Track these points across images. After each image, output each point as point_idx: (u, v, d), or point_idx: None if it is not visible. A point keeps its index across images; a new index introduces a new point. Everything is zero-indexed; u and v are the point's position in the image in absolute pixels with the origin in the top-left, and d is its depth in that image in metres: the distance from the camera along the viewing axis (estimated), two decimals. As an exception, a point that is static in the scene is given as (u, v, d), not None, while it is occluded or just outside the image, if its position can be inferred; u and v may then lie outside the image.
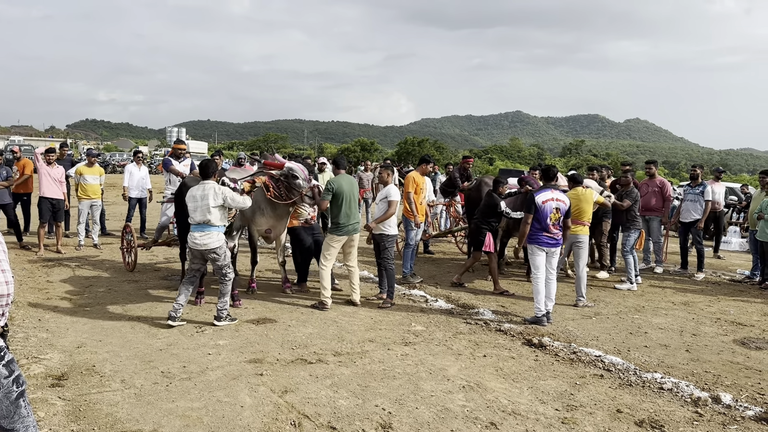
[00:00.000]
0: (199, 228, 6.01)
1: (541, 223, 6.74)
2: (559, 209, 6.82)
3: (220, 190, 6.05)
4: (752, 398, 4.70)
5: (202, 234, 5.99)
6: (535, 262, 6.80)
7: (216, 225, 6.01)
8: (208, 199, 5.97)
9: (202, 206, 5.99)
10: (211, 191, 6.01)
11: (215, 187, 6.06)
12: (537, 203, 6.74)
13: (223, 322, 6.08)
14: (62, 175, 10.12)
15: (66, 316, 6.32)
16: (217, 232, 6.03)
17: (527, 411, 4.34)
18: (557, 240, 6.85)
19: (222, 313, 6.09)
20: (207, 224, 5.98)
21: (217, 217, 6.01)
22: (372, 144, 75.98)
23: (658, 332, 6.52)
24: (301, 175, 6.88)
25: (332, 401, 4.38)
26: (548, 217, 6.72)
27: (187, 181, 7.37)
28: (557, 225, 6.81)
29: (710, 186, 9.99)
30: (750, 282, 9.61)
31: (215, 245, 6.01)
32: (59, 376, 4.67)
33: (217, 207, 6.01)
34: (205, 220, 5.97)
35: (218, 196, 6.00)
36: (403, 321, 6.62)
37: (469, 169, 11.46)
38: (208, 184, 6.08)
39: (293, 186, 6.88)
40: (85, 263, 9.15)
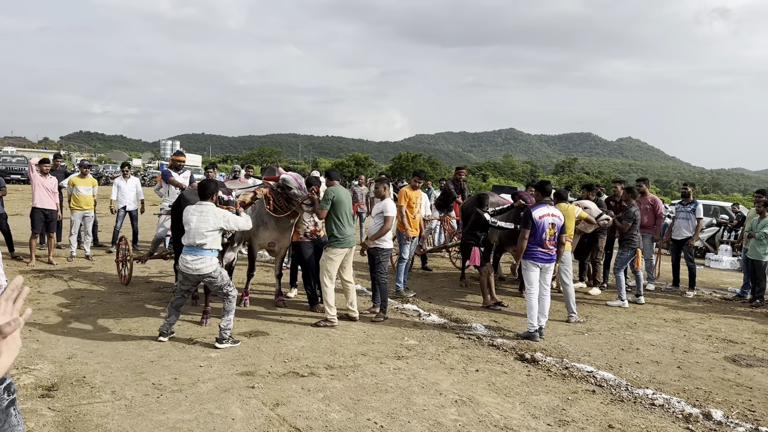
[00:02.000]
0: (191, 251, 5.73)
1: (537, 239, 6.75)
2: (554, 225, 6.84)
3: (221, 214, 5.81)
4: (743, 415, 4.72)
5: (195, 258, 5.71)
6: (529, 278, 6.81)
7: (210, 249, 5.75)
8: (207, 222, 5.71)
9: (197, 229, 5.70)
10: (211, 215, 5.76)
11: (215, 210, 5.81)
12: (534, 218, 6.75)
13: (225, 345, 5.75)
14: (55, 186, 10.10)
15: (57, 327, 6.28)
16: (210, 257, 5.75)
17: (519, 426, 4.33)
18: (552, 256, 6.87)
19: (225, 334, 5.77)
20: (200, 248, 5.70)
21: (212, 241, 5.75)
22: (366, 159, 76.24)
23: (649, 348, 6.54)
24: (294, 184, 6.88)
25: (324, 414, 4.36)
26: (544, 232, 6.74)
27: (185, 193, 7.33)
28: (552, 241, 6.83)
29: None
30: (741, 300, 9.66)
31: (208, 270, 5.74)
32: (49, 386, 4.64)
33: (215, 230, 5.75)
34: (199, 243, 5.70)
35: (219, 220, 5.75)
36: (395, 335, 6.61)
37: (462, 181, 11.50)
38: (207, 206, 5.82)
39: (290, 196, 6.87)
40: (76, 274, 9.10)
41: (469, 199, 10.36)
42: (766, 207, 9.52)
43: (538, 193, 7.14)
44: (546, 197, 7.05)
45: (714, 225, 15.96)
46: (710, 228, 15.76)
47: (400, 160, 72.56)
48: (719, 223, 15.94)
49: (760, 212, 9.53)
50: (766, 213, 9.48)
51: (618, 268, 8.82)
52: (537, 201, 7.09)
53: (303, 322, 6.96)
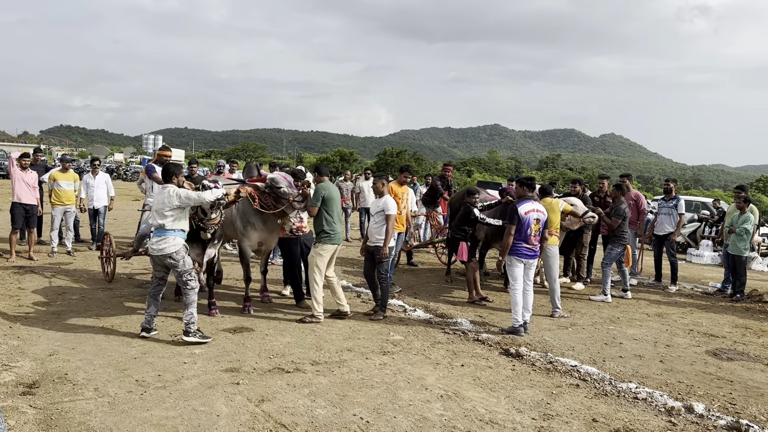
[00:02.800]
0: (156, 233, 5.83)
1: (522, 235, 6.75)
2: (539, 220, 6.86)
3: (174, 192, 5.82)
4: (724, 408, 4.78)
5: (158, 239, 5.77)
6: (514, 274, 6.82)
7: (171, 229, 5.77)
8: (163, 201, 5.79)
9: (158, 209, 5.82)
10: (166, 194, 5.82)
11: (170, 190, 5.84)
12: (520, 214, 6.75)
13: (192, 338, 5.69)
14: (35, 181, 9.95)
15: (38, 323, 6.20)
16: (173, 237, 5.77)
17: (504, 420, 4.35)
18: (535, 252, 6.89)
19: (190, 328, 5.72)
20: (162, 228, 5.76)
21: (172, 221, 5.78)
22: (351, 154, 76.13)
23: (632, 343, 6.61)
24: (284, 182, 6.79)
25: (310, 410, 4.35)
26: (530, 228, 6.75)
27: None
28: (536, 236, 6.84)
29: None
30: (721, 294, 9.79)
31: (170, 250, 5.74)
32: (30, 384, 4.58)
33: (174, 210, 5.78)
34: (160, 224, 5.77)
35: (172, 198, 5.78)
36: (381, 330, 6.61)
37: (449, 178, 11.50)
38: (168, 187, 5.89)
39: (280, 195, 6.75)
40: (57, 270, 8.99)
41: (456, 193, 10.37)
42: (745, 203, 9.66)
43: (522, 188, 7.09)
44: (530, 192, 7.04)
45: (695, 220, 16.15)
46: (692, 223, 15.95)
47: (385, 155, 72.52)
48: (701, 219, 16.14)
49: (740, 208, 9.66)
50: (745, 209, 9.61)
51: (606, 263, 8.84)
52: (520, 196, 7.06)
53: (288, 318, 6.93)
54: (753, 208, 10.04)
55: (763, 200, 52.37)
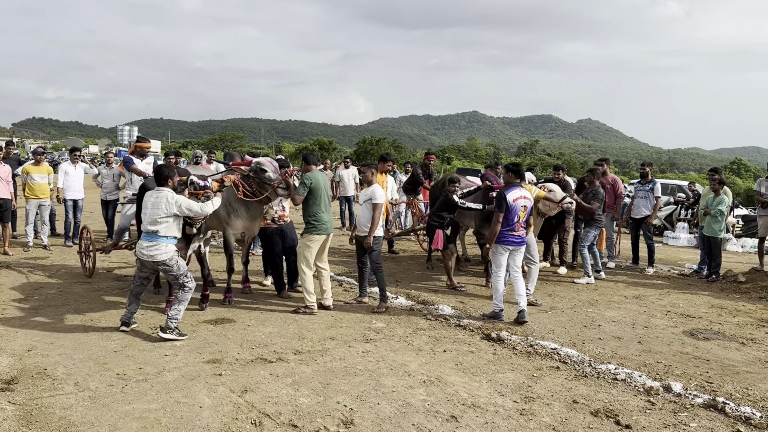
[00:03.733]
0: (147, 237, 5.63)
1: (510, 222, 6.64)
2: (526, 207, 6.78)
3: (174, 199, 5.64)
4: (701, 386, 4.88)
5: (150, 245, 5.59)
6: (498, 261, 6.74)
7: (164, 236, 5.60)
8: (158, 207, 5.59)
9: (151, 215, 5.60)
10: (164, 200, 5.61)
11: (168, 196, 5.65)
12: (508, 201, 6.64)
13: (169, 335, 5.52)
14: (9, 175, 9.77)
15: (15, 319, 6.11)
16: (165, 244, 5.61)
17: (486, 403, 4.40)
18: (522, 238, 6.80)
19: (171, 323, 5.56)
20: (155, 234, 5.59)
21: (166, 228, 5.61)
22: (330, 143, 75.85)
23: (611, 325, 6.70)
24: (270, 167, 6.67)
25: (293, 399, 4.35)
26: (517, 215, 6.65)
27: (148, 182, 7.10)
28: (522, 223, 6.76)
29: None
30: (698, 276, 9.96)
31: (162, 257, 5.59)
32: (9, 380, 4.51)
33: (169, 217, 5.61)
34: (153, 230, 5.58)
35: (171, 206, 5.60)
36: (363, 318, 6.62)
37: (431, 167, 11.48)
38: (162, 192, 5.68)
39: (264, 180, 6.62)
40: (34, 265, 8.86)
41: (437, 181, 10.37)
42: (720, 185, 9.81)
43: (510, 174, 6.94)
44: (517, 179, 6.92)
45: (671, 203, 16.39)
46: (668, 206, 16.18)
47: (364, 143, 72.38)
48: (676, 202, 16.37)
49: (715, 190, 9.81)
50: (720, 191, 9.76)
51: (583, 246, 8.98)
52: (507, 183, 6.93)
53: (270, 308, 6.91)
54: (727, 190, 10.21)
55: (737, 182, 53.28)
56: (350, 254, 10.80)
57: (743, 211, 16.61)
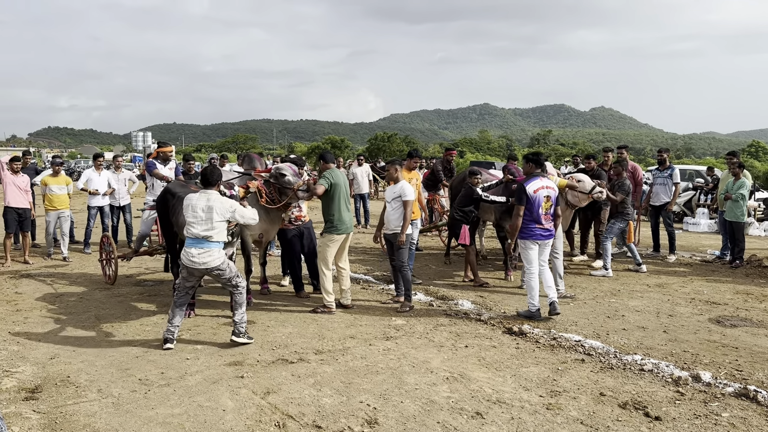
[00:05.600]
0: (197, 244, 5.36)
1: (533, 214, 6.40)
2: (549, 197, 6.50)
3: (228, 204, 5.49)
4: (731, 375, 4.78)
5: (201, 251, 5.34)
6: (528, 257, 6.49)
7: (217, 241, 5.41)
8: (212, 212, 5.37)
9: (204, 219, 5.36)
10: (218, 204, 5.41)
11: (222, 200, 5.48)
12: (528, 193, 6.40)
13: (242, 339, 5.47)
14: (27, 184, 9.82)
15: (37, 327, 6.14)
16: (217, 249, 5.41)
17: (512, 399, 4.34)
18: (550, 231, 6.53)
19: (241, 328, 5.49)
20: (206, 240, 5.36)
21: (219, 233, 5.42)
22: (342, 141, 75.84)
23: (635, 315, 6.60)
24: (289, 171, 6.62)
25: (316, 400, 4.32)
26: (540, 207, 6.41)
27: (171, 186, 7.06)
28: (548, 215, 6.52)
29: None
30: (720, 261, 9.80)
31: (217, 263, 5.39)
32: (33, 388, 4.53)
33: (222, 222, 5.44)
34: (206, 235, 5.35)
35: (226, 211, 5.44)
36: (383, 315, 6.58)
37: (452, 162, 11.32)
38: (212, 195, 5.47)
39: (283, 185, 6.56)
40: (54, 273, 8.92)
41: (457, 175, 10.25)
42: (740, 168, 9.63)
43: (529, 164, 6.70)
44: (537, 169, 6.68)
45: (690, 189, 16.15)
46: (687, 192, 15.95)
47: (376, 140, 72.27)
48: (695, 187, 16.14)
49: (734, 174, 9.64)
50: (740, 174, 9.59)
51: (607, 237, 8.79)
52: (527, 173, 6.71)
53: (289, 308, 6.89)
54: (747, 173, 10.03)
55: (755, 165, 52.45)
56: (365, 252, 10.77)
57: (764, 194, 16.32)
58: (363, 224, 14.31)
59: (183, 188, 6.90)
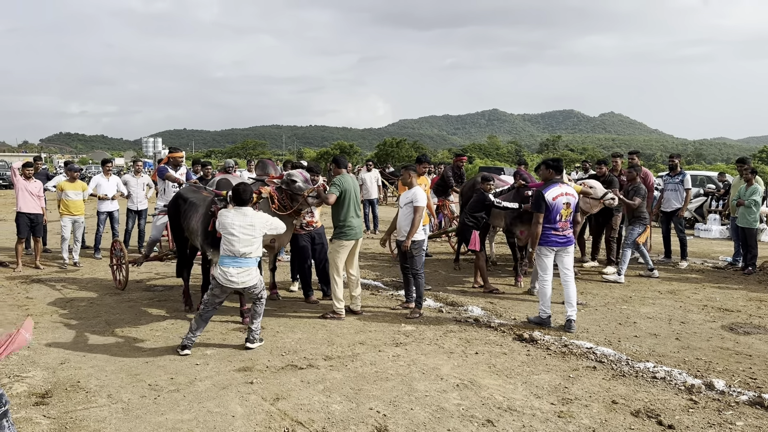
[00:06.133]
0: (235, 263, 5.35)
1: (552, 221, 6.25)
2: (569, 204, 6.34)
3: (265, 219, 5.52)
4: (745, 383, 4.72)
5: (240, 271, 5.35)
6: (543, 264, 6.37)
7: (254, 258, 5.45)
8: (253, 228, 5.39)
9: (245, 237, 5.37)
10: (257, 220, 5.44)
11: (261, 216, 5.52)
12: (547, 200, 6.24)
13: (256, 345, 5.59)
14: (40, 190, 9.86)
15: (48, 332, 6.16)
16: (254, 267, 5.46)
17: (523, 406, 4.30)
18: (568, 237, 6.37)
19: (256, 335, 5.61)
20: (244, 257, 5.36)
21: (257, 249, 5.46)
22: (351, 147, 76.00)
23: (646, 321, 6.54)
24: (300, 178, 6.61)
25: (325, 406, 4.30)
26: (558, 214, 6.25)
27: (183, 191, 7.06)
28: (567, 222, 6.35)
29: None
30: (733, 268, 9.71)
31: (255, 281, 5.44)
32: (43, 393, 4.54)
33: (260, 237, 5.47)
34: (245, 252, 5.35)
35: (264, 226, 5.46)
36: (392, 321, 6.56)
37: (462, 168, 11.28)
38: (248, 211, 5.49)
39: (294, 191, 6.52)
40: (65, 278, 8.95)
41: (467, 181, 10.21)
42: (752, 174, 9.56)
43: (549, 170, 6.50)
44: (557, 175, 6.51)
45: (701, 195, 16.04)
46: (698, 198, 15.84)
47: (385, 146, 72.33)
48: (707, 193, 16.02)
49: (747, 180, 9.57)
50: (753, 180, 9.51)
51: (627, 243, 8.69)
52: (546, 179, 6.53)
53: (298, 314, 6.89)
54: (759, 179, 9.95)
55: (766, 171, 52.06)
56: (375, 257, 10.76)
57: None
58: (372, 230, 14.30)
59: (195, 193, 6.92)
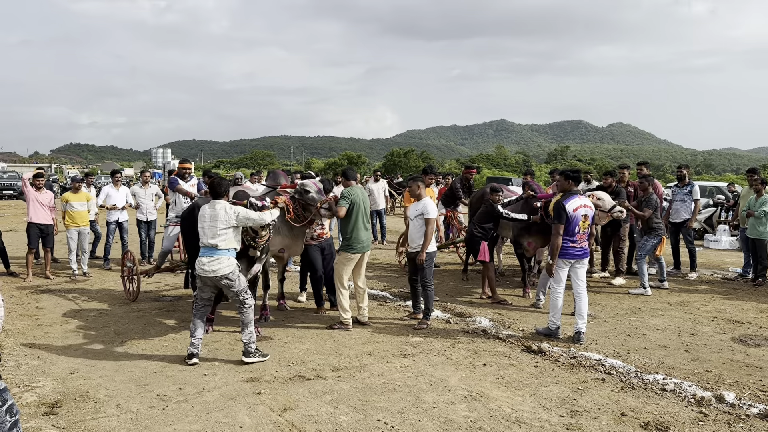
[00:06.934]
0: (207, 252, 5.49)
1: (569, 233, 6.21)
2: (587, 216, 6.32)
3: (232, 210, 5.57)
4: (755, 396, 4.68)
5: (211, 260, 5.45)
6: (558, 276, 6.33)
7: (225, 249, 5.48)
8: (217, 220, 5.49)
9: (210, 227, 5.50)
10: (222, 211, 5.53)
11: (226, 207, 5.57)
12: (568, 212, 6.20)
13: (253, 359, 5.47)
14: (51, 200, 9.94)
15: (57, 342, 6.20)
16: (227, 257, 5.48)
17: (531, 419, 4.28)
18: (585, 249, 6.36)
19: (250, 347, 5.50)
20: (215, 248, 5.46)
21: (226, 241, 5.48)
22: (359, 157, 76.21)
23: (656, 333, 6.50)
24: (313, 188, 6.60)
25: (333, 417, 4.30)
26: (577, 226, 6.21)
27: (199, 202, 7.13)
28: (584, 234, 6.31)
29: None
30: (743, 279, 9.64)
31: (225, 271, 5.45)
32: (52, 403, 4.56)
33: (229, 228, 5.50)
34: (212, 243, 5.46)
35: (231, 218, 5.51)
36: (400, 332, 6.55)
37: (471, 180, 11.22)
38: (218, 204, 5.59)
39: (308, 201, 6.52)
40: (74, 288, 9.01)
41: (476, 192, 10.20)
42: (762, 185, 9.51)
43: (568, 182, 6.46)
44: (576, 186, 6.48)
45: (711, 206, 15.96)
46: (707, 209, 15.76)
47: (392, 156, 72.53)
48: (716, 204, 15.95)
49: (757, 190, 9.52)
50: (763, 191, 9.46)
51: (641, 255, 8.64)
52: (564, 191, 6.50)
53: (306, 325, 6.89)
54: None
55: (777, 182, 51.69)
56: (383, 268, 10.76)
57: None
58: (380, 240, 14.30)
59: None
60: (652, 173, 9.93)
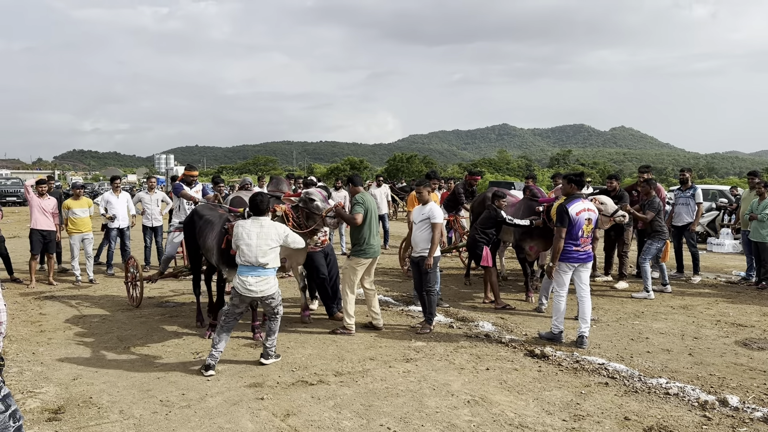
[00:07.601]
0: (254, 272, 5.37)
1: (573, 237, 6.19)
2: (590, 220, 6.29)
3: (282, 229, 5.53)
4: (759, 399, 4.67)
5: (259, 279, 5.36)
6: (561, 280, 6.35)
7: (272, 268, 5.45)
8: (268, 238, 5.40)
9: (258, 246, 5.37)
10: (273, 230, 5.46)
11: (277, 226, 5.52)
12: (570, 215, 6.17)
13: (271, 360, 5.62)
14: (54, 207, 9.96)
15: (60, 348, 6.21)
16: (273, 277, 5.47)
17: (534, 423, 4.28)
18: (588, 253, 6.34)
19: (271, 351, 5.62)
20: (262, 267, 5.38)
21: (274, 260, 5.45)
22: (361, 162, 76.26)
23: (659, 337, 6.49)
24: (318, 197, 6.55)
25: (336, 423, 4.30)
26: (581, 229, 6.20)
27: (199, 208, 7.10)
28: (587, 237, 6.28)
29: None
30: (746, 283, 9.62)
31: (273, 291, 5.44)
32: (56, 409, 4.57)
33: (277, 248, 5.47)
34: (262, 263, 5.36)
35: (280, 237, 5.47)
36: (403, 337, 6.55)
37: (474, 186, 11.19)
38: (265, 221, 5.52)
39: (312, 210, 6.45)
40: (77, 294, 9.02)
41: (478, 196, 10.20)
42: (765, 188, 9.49)
43: (571, 185, 6.45)
44: (579, 190, 6.47)
45: (713, 209, 15.93)
46: (710, 212, 15.74)
47: (395, 161, 72.56)
48: (719, 207, 15.92)
49: (760, 194, 9.49)
50: (765, 194, 9.44)
51: (644, 258, 8.63)
52: (567, 194, 6.49)
53: (309, 330, 6.89)
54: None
55: (780, 185, 51.56)
56: (385, 273, 10.76)
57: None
58: (382, 244, 14.31)
59: (211, 211, 6.95)
60: (654, 177, 9.89)
